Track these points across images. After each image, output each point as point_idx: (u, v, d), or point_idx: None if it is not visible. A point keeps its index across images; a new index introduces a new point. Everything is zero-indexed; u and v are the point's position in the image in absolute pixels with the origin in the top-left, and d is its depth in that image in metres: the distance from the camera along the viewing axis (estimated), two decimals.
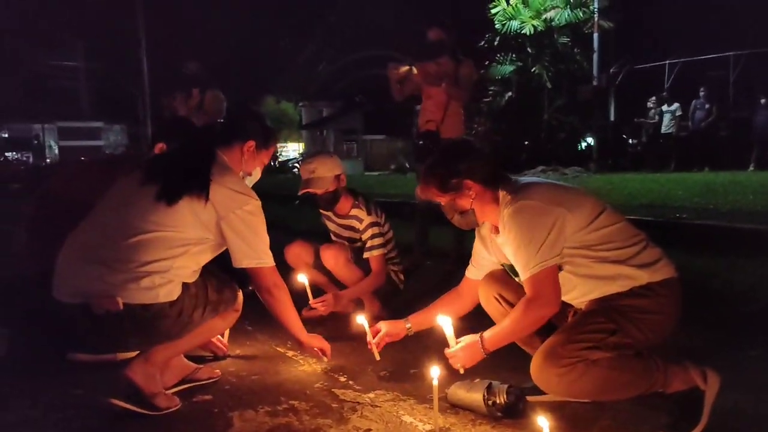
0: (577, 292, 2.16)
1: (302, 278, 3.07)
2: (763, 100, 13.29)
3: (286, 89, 29.52)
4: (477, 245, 2.45)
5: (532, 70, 15.40)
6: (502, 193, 2.17)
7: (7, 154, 25.11)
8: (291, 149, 30.02)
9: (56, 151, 28.42)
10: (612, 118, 16.53)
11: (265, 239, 2.30)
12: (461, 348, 2.19)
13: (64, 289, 2.09)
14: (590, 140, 16.68)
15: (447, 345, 2.23)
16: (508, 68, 15.69)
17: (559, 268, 2.09)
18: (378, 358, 2.54)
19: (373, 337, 2.52)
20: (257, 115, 2.59)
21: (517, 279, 2.21)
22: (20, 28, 24.83)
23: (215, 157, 2.31)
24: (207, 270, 2.32)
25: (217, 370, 2.59)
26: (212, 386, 2.48)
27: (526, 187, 2.14)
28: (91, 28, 25.55)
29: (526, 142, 16.15)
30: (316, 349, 2.57)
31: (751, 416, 2.11)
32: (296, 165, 21.69)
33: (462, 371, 2.21)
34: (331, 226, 3.57)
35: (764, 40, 14.39)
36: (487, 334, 2.16)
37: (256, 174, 2.54)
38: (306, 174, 3.29)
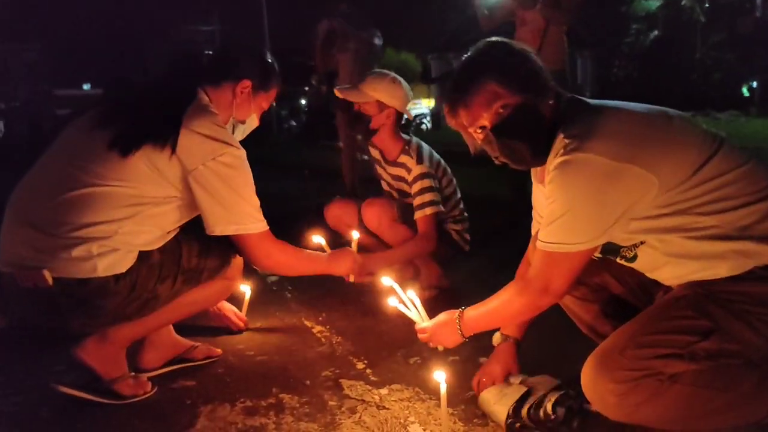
0: (668, 272, 1.46)
1: (355, 234, 2.50)
2: None
3: (408, 39, 28.73)
4: (535, 192, 1.75)
5: (682, 2, 13.55)
6: (560, 131, 1.44)
7: None
8: (420, 105, 29.30)
9: None
10: None
11: (250, 198, 1.80)
12: (435, 325, 1.68)
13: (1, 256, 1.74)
14: (754, 84, 14.57)
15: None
16: (655, 2, 13.93)
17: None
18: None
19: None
20: (258, 51, 2.07)
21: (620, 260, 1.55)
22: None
23: (195, 96, 1.84)
24: (187, 231, 1.88)
25: (219, 349, 2.18)
26: (204, 369, 2.07)
27: (593, 122, 1.40)
28: None
29: (676, 87, 14.40)
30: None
31: None
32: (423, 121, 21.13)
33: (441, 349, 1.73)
34: (381, 173, 2.99)
35: None
36: (469, 313, 1.62)
37: (252, 122, 2.06)
38: (344, 94, 2.72)
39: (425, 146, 2.82)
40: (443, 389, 1.49)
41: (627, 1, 13.95)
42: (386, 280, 1.85)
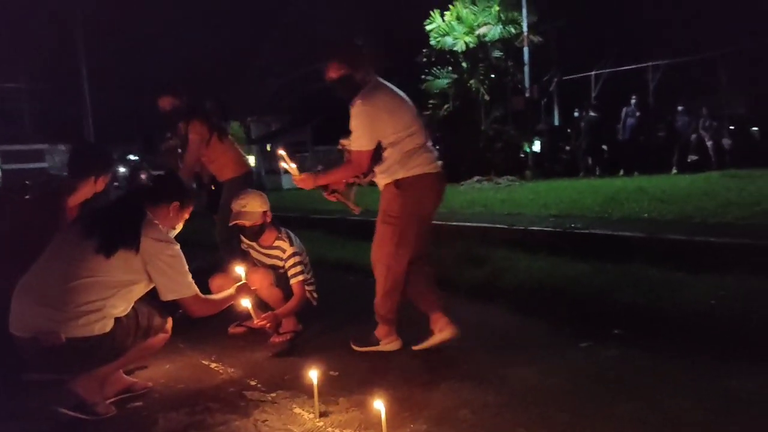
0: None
1: (246, 303, 3.55)
2: (680, 108, 14.39)
3: (232, 107, 29.79)
4: None
5: (468, 83, 16.21)
6: None
7: None
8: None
9: None
10: (557, 124, 17.56)
11: (186, 275, 2.89)
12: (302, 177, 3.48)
13: (17, 325, 2.65)
14: (536, 147, 17.62)
15: None
16: (445, 81, 16.45)
17: None
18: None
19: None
20: (180, 181, 3.21)
21: None
22: None
23: (145, 214, 2.89)
24: (140, 302, 2.90)
25: (150, 383, 3.17)
26: (145, 395, 3.05)
27: None
28: (32, 49, 25.50)
29: (468, 153, 16.96)
30: (247, 290, 3.30)
31: (562, 392, 2.79)
32: None
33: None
34: (254, 254, 4.15)
35: (680, 52, 15.56)
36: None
37: (179, 227, 3.14)
38: (237, 208, 3.88)
39: (291, 233, 4.05)
40: (315, 381, 2.67)
41: (422, 81, 16.33)
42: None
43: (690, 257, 4.71)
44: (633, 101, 14.66)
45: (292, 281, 3.90)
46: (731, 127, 14.78)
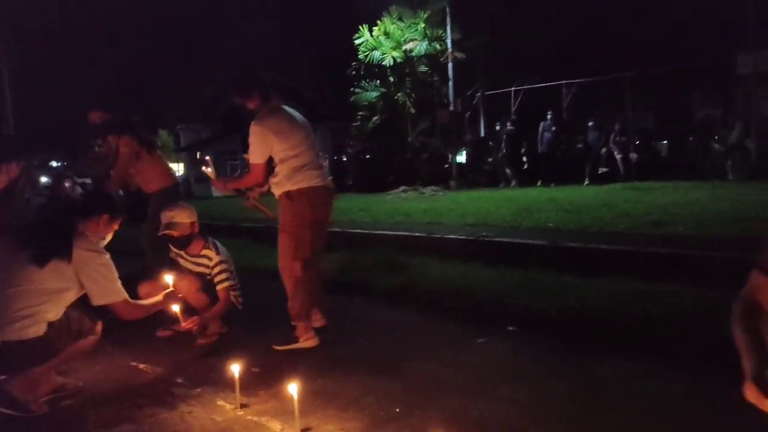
0: None
1: (174, 307, 3.81)
2: (591, 123, 15.37)
3: (160, 115, 29.42)
4: None
5: (396, 96, 16.75)
6: None
7: None
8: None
9: None
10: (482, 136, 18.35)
11: (115, 281, 3.14)
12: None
13: None
14: (462, 159, 18.32)
15: None
16: (373, 94, 16.94)
17: None
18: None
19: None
20: (109, 195, 3.47)
21: None
22: None
23: (76, 226, 3.13)
24: (73, 306, 3.13)
25: (81, 383, 3.38)
26: (76, 394, 3.27)
27: None
28: None
29: (395, 164, 17.47)
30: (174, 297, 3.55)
31: (456, 380, 3.20)
32: None
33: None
34: (182, 262, 4.40)
35: (592, 72, 16.64)
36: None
37: (109, 237, 3.38)
38: (166, 219, 4.13)
39: (218, 242, 4.32)
40: (237, 375, 2.97)
41: (352, 92, 16.78)
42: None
43: (582, 263, 5.28)
44: (549, 116, 15.55)
45: (218, 287, 4.17)
46: (637, 142, 15.87)
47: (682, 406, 2.76)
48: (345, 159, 20.36)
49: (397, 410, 2.85)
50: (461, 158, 18.30)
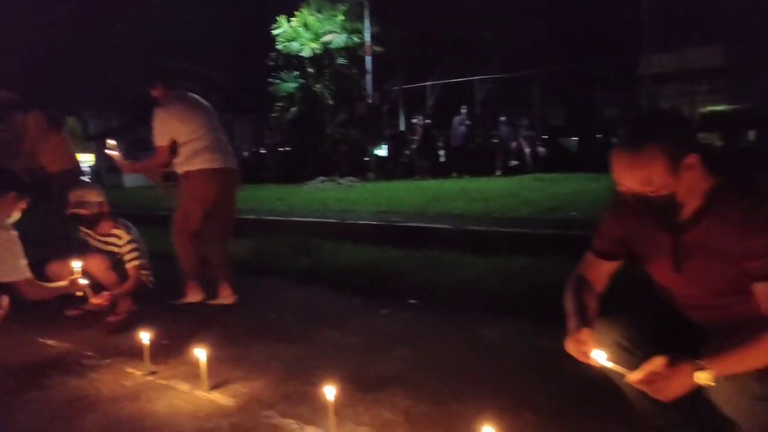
0: None
1: (84, 281, 3.86)
2: (503, 118, 16.07)
3: (69, 103, 28.14)
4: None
5: (314, 88, 16.88)
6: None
7: None
8: (83, 161, 28.74)
9: None
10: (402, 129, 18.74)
11: (20, 259, 3.20)
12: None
13: None
14: (383, 152, 18.62)
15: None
16: (292, 85, 17.01)
17: None
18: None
19: None
20: (16, 174, 3.50)
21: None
22: None
23: None
24: None
25: None
26: None
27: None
28: None
29: (314, 155, 17.61)
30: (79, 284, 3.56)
31: (357, 346, 3.45)
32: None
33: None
34: (92, 241, 4.43)
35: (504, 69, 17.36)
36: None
37: (16, 215, 3.41)
38: (75, 198, 4.16)
39: (128, 223, 4.39)
40: (146, 342, 3.11)
41: (271, 83, 16.78)
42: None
43: (482, 244, 5.65)
44: (463, 111, 16.13)
45: (128, 266, 4.24)
46: (544, 137, 16.73)
47: (550, 357, 3.12)
48: (263, 151, 20.27)
49: (300, 371, 3.08)
50: (382, 152, 18.62)
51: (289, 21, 16.61)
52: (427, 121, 16.22)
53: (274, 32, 16.62)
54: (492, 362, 3.11)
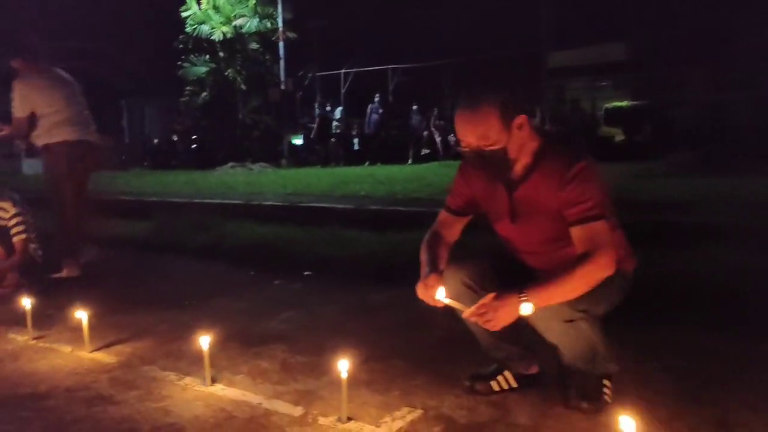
0: None
1: None
2: (415, 107, 16.42)
3: None
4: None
5: (226, 72, 16.64)
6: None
7: None
8: None
9: None
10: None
11: None
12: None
13: None
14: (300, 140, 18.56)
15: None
16: (202, 69, 16.71)
17: None
18: None
19: None
20: None
21: None
22: None
23: None
24: None
25: None
26: None
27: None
28: None
29: (225, 140, 17.36)
30: None
31: (245, 310, 3.57)
32: None
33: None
34: None
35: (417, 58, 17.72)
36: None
37: None
38: None
39: (17, 196, 4.30)
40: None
41: (180, 66, 16.40)
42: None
43: (380, 222, 5.86)
44: (377, 99, 16.37)
45: (15, 239, 4.18)
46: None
47: (424, 315, 3.37)
48: (174, 138, 19.75)
49: (186, 332, 3.17)
50: (298, 140, 18.57)
51: (198, 3, 16.29)
52: (327, 109, 16.39)
53: (183, 14, 16.27)
54: (370, 322, 3.32)
